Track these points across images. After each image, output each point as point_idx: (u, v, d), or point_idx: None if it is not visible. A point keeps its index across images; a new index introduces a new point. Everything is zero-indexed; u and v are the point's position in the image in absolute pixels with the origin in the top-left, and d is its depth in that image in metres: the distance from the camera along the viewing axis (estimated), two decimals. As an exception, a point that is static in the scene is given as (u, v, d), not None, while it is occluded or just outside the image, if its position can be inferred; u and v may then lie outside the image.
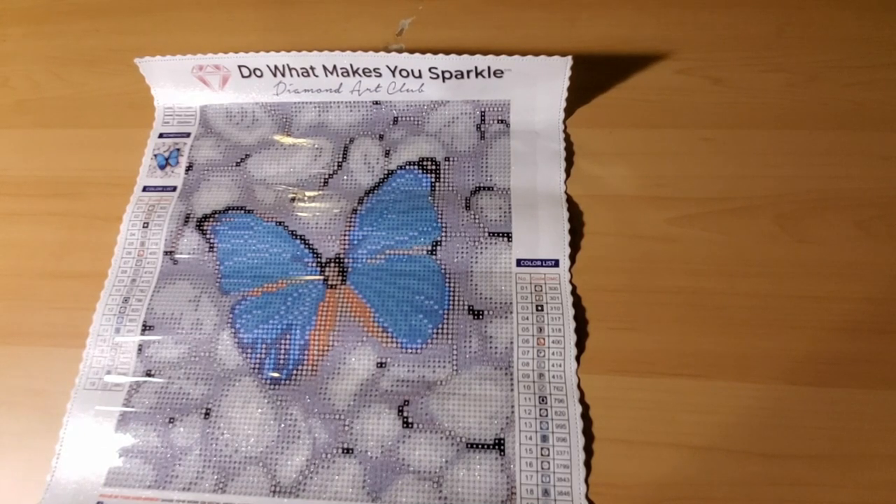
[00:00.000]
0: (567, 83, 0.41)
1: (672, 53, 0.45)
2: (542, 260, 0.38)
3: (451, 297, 0.37)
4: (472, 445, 0.33)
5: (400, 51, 0.46)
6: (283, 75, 0.43)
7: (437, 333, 0.36)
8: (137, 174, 0.44)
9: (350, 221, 0.40)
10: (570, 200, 0.40)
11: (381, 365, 0.36)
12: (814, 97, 0.43)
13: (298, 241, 0.40)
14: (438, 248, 0.39)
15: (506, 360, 0.35)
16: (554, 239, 0.38)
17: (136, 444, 0.35)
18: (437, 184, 0.41)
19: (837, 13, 0.46)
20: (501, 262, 0.38)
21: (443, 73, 0.41)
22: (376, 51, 0.41)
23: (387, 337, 0.37)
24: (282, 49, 0.42)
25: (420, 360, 0.36)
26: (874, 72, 0.43)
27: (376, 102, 0.44)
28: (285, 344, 0.37)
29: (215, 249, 0.41)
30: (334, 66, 0.42)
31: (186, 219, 0.42)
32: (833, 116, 0.42)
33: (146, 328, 0.38)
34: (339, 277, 0.39)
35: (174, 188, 0.43)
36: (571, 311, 0.36)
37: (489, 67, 0.41)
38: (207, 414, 0.36)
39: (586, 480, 0.32)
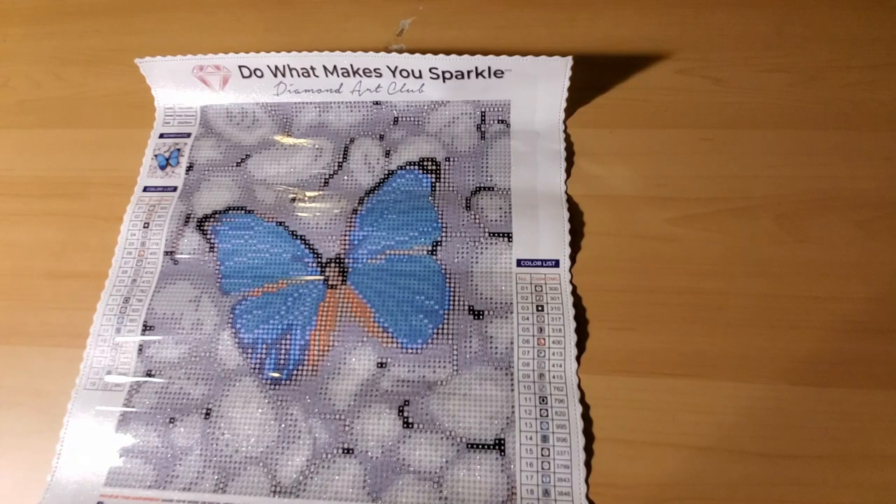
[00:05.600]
0: (567, 83, 0.41)
1: (672, 53, 0.45)
2: (542, 260, 0.38)
3: (452, 298, 0.37)
4: (473, 445, 0.33)
5: (400, 51, 0.46)
6: (283, 75, 0.43)
7: (438, 333, 0.36)
8: (138, 174, 0.44)
9: (350, 221, 0.40)
10: (570, 200, 0.40)
11: (381, 365, 0.36)
12: (814, 97, 0.43)
13: (299, 242, 0.40)
14: (439, 248, 0.39)
15: (506, 360, 0.35)
16: (554, 239, 0.38)
17: (137, 444, 0.35)
18: (438, 184, 0.41)
19: (837, 13, 0.46)
20: (502, 262, 0.38)
21: (443, 73, 0.41)
22: (376, 51, 0.41)
23: (387, 337, 0.37)
24: (282, 49, 0.42)
25: (420, 360, 0.36)
26: (874, 72, 0.43)
27: (377, 103, 0.44)
28: (286, 344, 0.37)
29: (216, 249, 0.41)
30: (334, 67, 0.42)
31: (187, 219, 0.42)
32: (833, 116, 0.42)
33: (147, 328, 0.38)
34: (340, 277, 0.39)
35: (175, 188, 0.43)
36: (572, 311, 0.36)
37: (489, 67, 0.41)
38: (208, 414, 0.36)
39: (587, 480, 0.32)
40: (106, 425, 0.36)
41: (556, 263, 0.38)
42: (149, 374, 0.37)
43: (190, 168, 0.44)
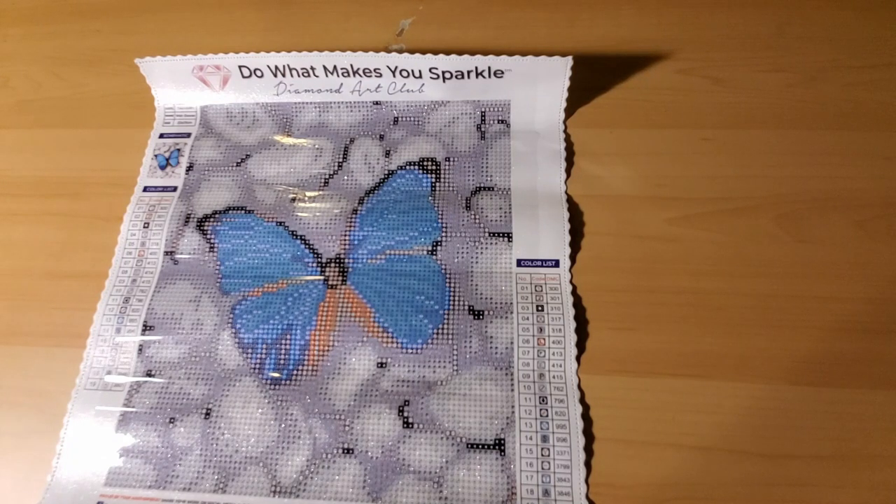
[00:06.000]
0: (567, 83, 0.41)
1: (672, 53, 0.45)
2: (542, 260, 0.38)
3: (452, 298, 0.37)
4: (473, 445, 0.33)
5: (400, 51, 0.46)
6: (283, 75, 0.43)
7: (438, 333, 0.36)
8: (138, 174, 0.44)
9: (350, 221, 0.40)
10: (570, 200, 0.40)
11: (381, 365, 0.36)
12: (814, 97, 0.43)
13: (299, 242, 0.40)
14: (439, 248, 0.39)
15: (506, 360, 0.35)
16: (554, 239, 0.38)
17: (137, 444, 0.35)
18: (438, 184, 0.41)
19: (837, 13, 0.46)
20: (502, 262, 0.38)
21: (443, 73, 0.41)
22: (376, 51, 0.41)
23: (387, 337, 0.37)
24: (282, 49, 0.42)
25: (420, 361, 0.36)
26: (874, 72, 0.43)
27: (377, 103, 0.44)
28: (286, 344, 0.37)
29: (216, 249, 0.41)
30: (334, 67, 0.42)
31: (187, 219, 0.42)
32: (833, 116, 0.42)
33: (146, 328, 0.38)
34: (340, 277, 0.39)
35: (175, 188, 0.43)
36: (572, 311, 0.36)
37: (489, 67, 0.41)
38: (208, 414, 0.36)
39: (587, 480, 0.32)
40: (106, 425, 0.36)
41: (556, 263, 0.38)
42: (149, 374, 0.37)
43: (190, 168, 0.44)
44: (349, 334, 0.37)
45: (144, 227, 0.42)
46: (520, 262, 0.38)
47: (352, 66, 0.42)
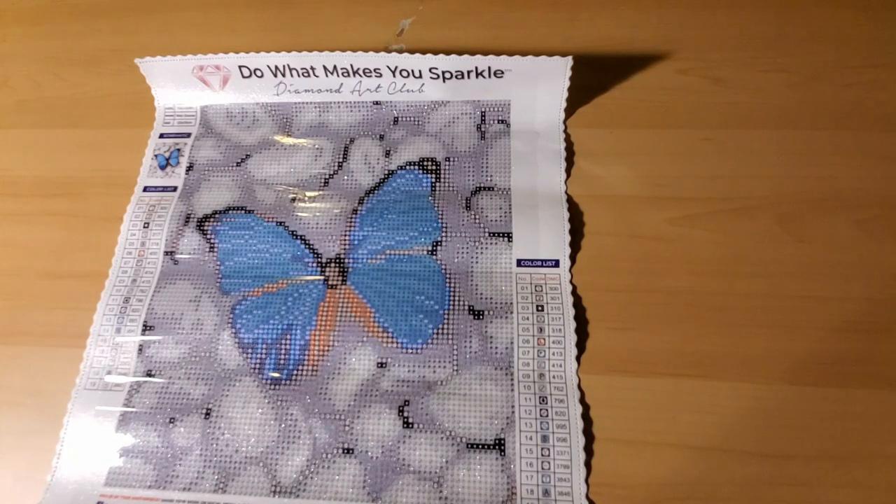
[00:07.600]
0: (567, 83, 0.41)
1: (672, 53, 0.45)
2: (542, 260, 0.38)
3: (452, 298, 0.37)
4: (473, 445, 0.33)
5: (400, 51, 0.46)
6: (283, 75, 0.43)
7: (438, 333, 0.36)
8: (138, 174, 0.44)
9: (350, 221, 0.40)
10: (570, 200, 0.40)
11: (381, 365, 0.36)
12: (814, 97, 0.43)
13: (299, 242, 0.40)
14: (439, 248, 0.39)
15: (506, 360, 0.35)
16: (554, 239, 0.38)
17: (137, 444, 0.35)
18: (438, 184, 0.41)
19: (837, 13, 0.46)
20: (502, 262, 0.38)
21: (443, 73, 0.41)
22: (376, 51, 0.41)
23: (387, 337, 0.37)
24: (282, 49, 0.42)
25: (420, 360, 0.36)
26: (874, 72, 0.43)
27: (377, 102, 0.44)
28: (286, 344, 0.37)
29: (216, 249, 0.41)
30: (335, 67, 0.42)
31: (187, 219, 0.42)
32: (833, 116, 0.42)
33: (147, 328, 0.38)
34: (340, 277, 0.39)
35: (175, 188, 0.43)
36: (572, 311, 0.36)
37: (489, 67, 0.41)
38: (208, 414, 0.36)
39: (586, 480, 0.32)
40: (106, 425, 0.36)
41: (556, 263, 0.38)
42: (149, 374, 0.37)
43: (190, 168, 0.44)
44: (349, 334, 0.37)
45: (144, 227, 0.42)
46: (520, 262, 0.38)
47: (352, 66, 0.42)
